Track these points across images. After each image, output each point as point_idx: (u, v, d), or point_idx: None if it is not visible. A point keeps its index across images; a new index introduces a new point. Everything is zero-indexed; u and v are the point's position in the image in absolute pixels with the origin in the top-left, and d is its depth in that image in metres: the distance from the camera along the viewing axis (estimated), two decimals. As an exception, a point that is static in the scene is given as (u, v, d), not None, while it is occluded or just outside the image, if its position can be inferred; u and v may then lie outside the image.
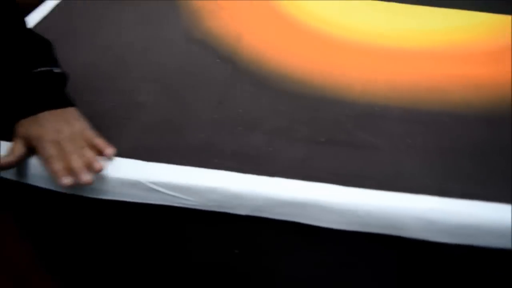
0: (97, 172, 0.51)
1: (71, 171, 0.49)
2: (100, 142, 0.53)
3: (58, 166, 0.50)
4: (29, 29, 0.57)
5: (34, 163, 0.53)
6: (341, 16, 0.82)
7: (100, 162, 0.51)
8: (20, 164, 0.52)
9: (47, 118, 0.52)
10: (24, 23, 0.56)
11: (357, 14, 0.83)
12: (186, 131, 0.58)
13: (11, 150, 0.51)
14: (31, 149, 0.52)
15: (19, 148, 0.51)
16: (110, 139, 0.57)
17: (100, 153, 0.53)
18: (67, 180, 0.49)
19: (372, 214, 0.50)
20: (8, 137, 0.54)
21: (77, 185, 0.50)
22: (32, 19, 0.78)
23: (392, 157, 0.55)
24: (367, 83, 0.67)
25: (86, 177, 0.49)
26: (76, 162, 0.50)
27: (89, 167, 0.50)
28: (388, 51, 0.74)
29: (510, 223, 0.48)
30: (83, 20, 0.80)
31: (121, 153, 0.55)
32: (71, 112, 0.54)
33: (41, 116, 0.52)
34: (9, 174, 0.54)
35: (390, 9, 0.85)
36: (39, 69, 0.53)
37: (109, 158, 0.53)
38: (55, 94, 0.54)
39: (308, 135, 0.58)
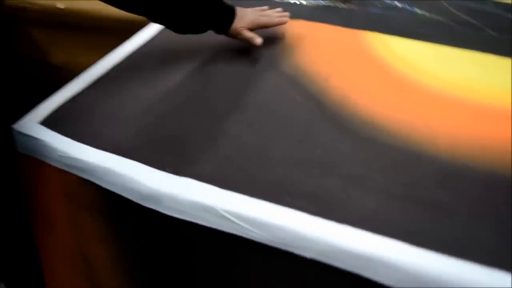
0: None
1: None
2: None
3: (273, 22, 0.84)
4: None
5: (126, 176, 0.58)
6: (434, 65, 0.80)
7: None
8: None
9: (242, 12, 0.80)
10: None
11: (451, 64, 0.81)
12: (264, 165, 0.60)
13: (251, 36, 0.79)
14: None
15: (251, 32, 0.80)
16: (192, 162, 0.61)
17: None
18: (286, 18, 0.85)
19: (439, 280, 0.48)
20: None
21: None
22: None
23: (469, 222, 0.53)
24: (453, 138, 0.65)
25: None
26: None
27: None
28: (481, 107, 0.71)
29: None
30: (182, 45, 0.86)
31: (200, 177, 0.58)
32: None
33: (239, 14, 0.79)
34: (106, 184, 0.60)
35: (489, 62, 0.81)
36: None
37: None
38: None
39: (384, 187, 0.57)
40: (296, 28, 0.89)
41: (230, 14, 0.79)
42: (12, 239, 0.75)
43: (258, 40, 0.79)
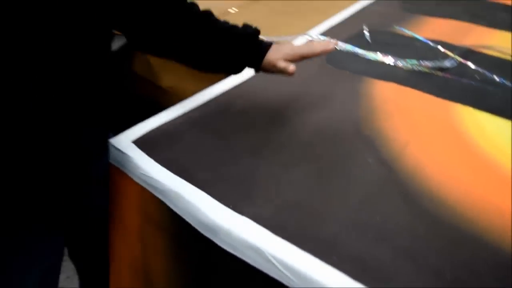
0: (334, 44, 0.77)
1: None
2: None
3: (315, 50, 0.75)
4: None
5: (192, 203, 0.64)
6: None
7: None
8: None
9: (279, 45, 0.77)
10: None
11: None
12: (319, 219, 0.62)
13: (284, 66, 0.75)
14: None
15: (285, 62, 0.75)
16: (253, 202, 0.65)
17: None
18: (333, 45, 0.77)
19: None
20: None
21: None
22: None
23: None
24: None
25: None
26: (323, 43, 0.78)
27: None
28: None
29: None
30: (272, 89, 0.90)
31: (257, 218, 0.62)
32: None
33: (274, 47, 0.76)
34: (174, 206, 0.67)
35: None
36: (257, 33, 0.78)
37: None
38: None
39: (436, 267, 0.56)
40: (386, 90, 0.91)
41: (261, 47, 0.76)
42: (92, 239, 0.84)
43: (291, 68, 0.74)
